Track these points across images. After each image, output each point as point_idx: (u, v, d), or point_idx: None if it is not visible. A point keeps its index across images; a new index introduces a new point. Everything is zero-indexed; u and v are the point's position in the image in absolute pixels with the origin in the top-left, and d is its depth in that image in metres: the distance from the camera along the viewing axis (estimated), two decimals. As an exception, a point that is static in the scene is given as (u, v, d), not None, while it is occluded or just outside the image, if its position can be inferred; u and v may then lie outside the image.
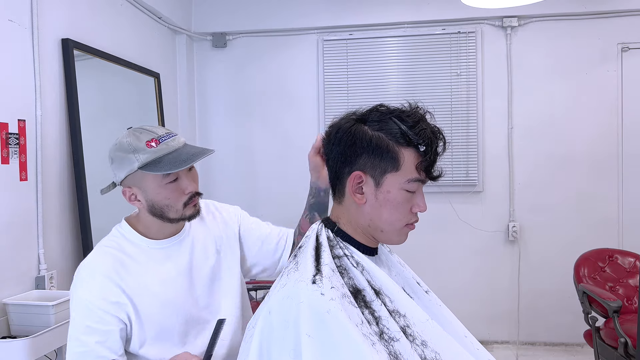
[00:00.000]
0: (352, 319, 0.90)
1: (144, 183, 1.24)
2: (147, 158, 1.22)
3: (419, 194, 1.03)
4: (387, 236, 1.04)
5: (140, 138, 1.24)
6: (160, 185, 1.24)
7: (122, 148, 1.24)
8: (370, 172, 0.99)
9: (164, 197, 1.24)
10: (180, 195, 1.26)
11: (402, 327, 0.96)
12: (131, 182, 1.25)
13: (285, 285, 0.97)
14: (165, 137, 1.25)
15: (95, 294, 1.21)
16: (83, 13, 2.56)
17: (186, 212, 1.28)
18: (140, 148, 1.22)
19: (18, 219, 2.09)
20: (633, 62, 3.44)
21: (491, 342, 3.60)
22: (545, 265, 3.53)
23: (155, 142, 1.24)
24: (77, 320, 1.22)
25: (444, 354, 0.96)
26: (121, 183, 1.27)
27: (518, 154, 3.56)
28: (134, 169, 1.22)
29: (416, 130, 0.98)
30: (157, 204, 1.25)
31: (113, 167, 1.27)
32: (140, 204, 1.27)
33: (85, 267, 1.26)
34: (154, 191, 1.24)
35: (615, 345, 2.53)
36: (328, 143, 1.05)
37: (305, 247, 1.03)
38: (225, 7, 3.74)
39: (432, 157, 0.99)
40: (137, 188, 1.25)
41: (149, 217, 1.28)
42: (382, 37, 3.65)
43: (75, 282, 1.26)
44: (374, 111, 1.03)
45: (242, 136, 3.82)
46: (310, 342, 0.87)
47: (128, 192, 1.27)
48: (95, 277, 1.23)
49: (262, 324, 0.95)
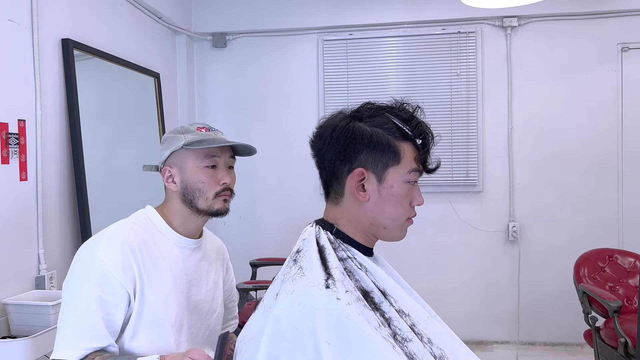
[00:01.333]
0: (371, 322, 0.88)
1: (184, 162, 1.28)
2: (193, 138, 1.28)
3: (417, 189, 1.04)
4: (390, 232, 1.04)
5: (193, 125, 1.33)
6: (199, 167, 1.28)
7: (175, 130, 1.33)
8: (372, 168, 0.99)
9: (199, 179, 1.27)
10: (214, 183, 1.29)
11: (410, 326, 0.95)
12: (173, 161, 1.30)
13: (293, 291, 0.93)
14: (215, 129, 1.35)
15: (114, 262, 1.17)
16: (83, 13, 2.56)
17: (215, 204, 1.30)
18: (190, 130, 1.31)
19: (18, 219, 2.09)
20: (633, 62, 3.44)
21: (491, 342, 3.60)
22: (545, 265, 3.53)
23: (205, 129, 1.32)
24: (87, 290, 1.15)
25: (447, 350, 0.97)
26: (164, 162, 1.31)
27: (518, 154, 3.56)
28: (179, 146, 1.28)
29: (412, 124, 1.00)
30: (191, 187, 1.28)
31: (162, 147, 1.33)
32: (175, 186, 1.29)
33: (104, 235, 1.22)
34: (191, 171, 1.28)
35: (615, 345, 2.53)
36: (322, 144, 1.03)
37: (306, 251, 1.00)
38: (225, 7, 3.74)
39: (428, 149, 1.02)
40: (176, 168, 1.29)
41: (177, 204, 1.30)
42: (382, 37, 3.65)
43: (88, 249, 1.21)
44: (365, 109, 1.03)
45: (242, 136, 3.82)
46: (331, 350, 0.84)
47: (167, 172, 1.30)
48: (117, 245, 1.19)
49: (270, 333, 0.91)
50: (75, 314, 1.15)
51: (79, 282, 1.18)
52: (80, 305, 1.15)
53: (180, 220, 1.31)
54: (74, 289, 1.18)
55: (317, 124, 1.07)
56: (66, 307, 1.18)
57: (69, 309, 1.17)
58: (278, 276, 1.04)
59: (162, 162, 1.32)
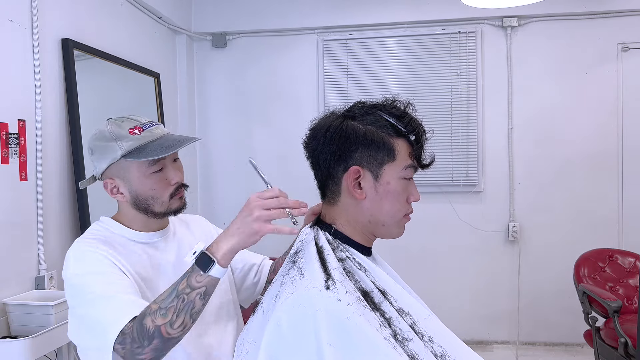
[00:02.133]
0: (372, 323, 0.88)
1: (127, 173, 1.18)
2: (130, 145, 1.15)
3: (412, 185, 1.04)
4: (388, 229, 1.04)
5: (122, 126, 1.18)
6: (145, 175, 1.18)
7: (103, 137, 1.17)
8: (367, 165, 1.00)
9: (149, 187, 1.18)
10: (166, 185, 1.20)
11: (410, 325, 0.95)
12: (114, 172, 1.19)
13: (293, 293, 0.92)
14: (148, 125, 1.20)
15: (103, 258, 1.11)
16: (83, 13, 2.56)
17: (172, 205, 1.22)
18: (123, 135, 1.16)
19: (18, 219, 2.09)
20: (633, 62, 3.44)
21: (491, 342, 3.60)
22: (545, 265, 3.53)
23: (138, 129, 1.18)
24: (98, 281, 1.07)
25: (448, 348, 0.96)
26: (102, 175, 1.20)
27: (518, 154, 3.56)
28: (116, 157, 1.16)
29: (405, 120, 1.01)
30: (142, 196, 1.19)
31: (93, 158, 1.20)
32: (123, 197, 1.20)
33: (70, 254, 1.14)
34: (138, 181, 1.18)
35: (615, 345, 2.53)
36: (316, 144, 1.03)
37: (305, 252, 1.00)
38: (225, 7, 3.74)
39: (422, 144, 1.02)
40: (119, 179, 1.19)
41: (132, 212, 1.22)
42: (382, 37, 3.64)
43: (71, 261, 1.13)
44: (356, 107, 1.04)
45: (242, 136, 3.82)
46: (332, 352, 0.84)
47: (110, 184, 1.20)
48: (94, 250, 1.13)
49: (271, 335, 0.90)
50: (103, 299, 1.06)
51: (82, 278, 1.10)
52: (104, 293, 1.06)
53: (140, 225, 1.24)
54: (81, 287, 1.10)
55: (310, 125, 1.07)
56: (87, 303, 1.07)
57: (94, 299, 1.06)
58: (277, 278, 1.03)
59: (100, 175, 1.21)
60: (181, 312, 0.99)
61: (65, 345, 2.08)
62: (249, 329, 1.01)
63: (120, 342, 1.00)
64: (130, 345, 0.99)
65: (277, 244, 1.54)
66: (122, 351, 1.00)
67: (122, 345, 1.00)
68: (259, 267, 1.44)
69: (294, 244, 1.08)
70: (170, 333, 0.99)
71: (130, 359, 1.00)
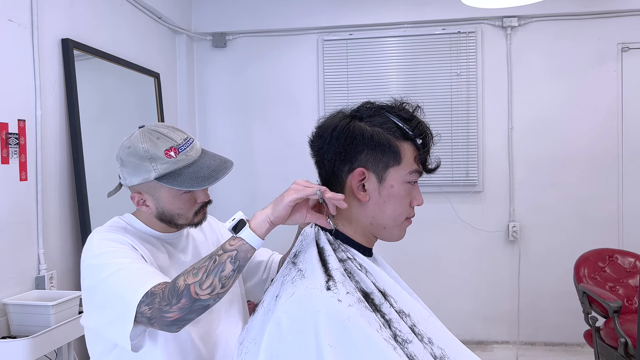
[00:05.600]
0: (372, 324, 0.88)
1: (157, 192, 1.21)
2: (165, 169, 1.17)
3: (416, 189, 1.04)
4: (389, 232, 1.04)
5: (158, 145, 1.17)
6: (175, 197, 1.21)
7: (138, 154, 1.18)
8: (372, 167, 0.99)
9: (177, 207, 1.22)
10: (192, 205, 1.25)
11: (410, 326, 0.95)
12: (143, 188, 1.21)
13: (293, 294, 0.91)
14: (183, 147, 1.20)
15: (126, 244, 1.16)
16: (83, 13, 2.56)
17: (195, 220, 1.27)
18: (158, 157, 1.17)
19: (18, 219, 2.09)
20: (633, 62, 3.44)
21: (491, 342, 3.60)
22: (545, 265, 3.53)
23: (174, 151, 1.18)
24: (120, 256, 1.11)
25: (448, 349, 0.96)
26: (130, 187, 1.24)
27: (518, 154, 3.56)
28: (150, 178, 1.17)
29: (413, 124, 1.00)
30: (169, 212, 1.23)
31: (124, 170, 1.21)
32: (149, 209, 1.23)
33: (93, 238, 1.19)
34: (167, 201, 1.22)
35: (615, 345, 2.53)
36: (322, 143, 1.02)
37: (306, 253, 1.00)
38: (225, 7, 3.74)
39: (428, 149, 1.01)
40: (148, 195, 1.22)
41: (153, 219, 1.26)
42: (382, 37, 3.65)
43: (95, 243, 1.17)
44: (364, 108, 1.03)
45: (242, 136, 3.83)
46: (333, 353, 0.84)
47: (137, 197, 1.23)
48: (116, 236, 1.18)
49: (271, 336, 0.90)
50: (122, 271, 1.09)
51: (104, 257, 1.13)
52: (124, 267, 1.09)
53: (159, 227, 1.28)
54: (101, 264, 1.12)
55: (317, 123, 1.06)
56: (112, 274, 1.09)
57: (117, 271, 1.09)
58: (277, 278, 1.03)
59: (128, 186, 1.24)
60: (211, 272, 1.01)
61: (65, 345, 2.08)
62: (249, 328, 1.01)
63: (148, 303, 1.02)
64: (158, 304, 1.02)
65: (282, 242, 1.54)
66: (149, 311, 1.02)
67: (150, 305, 1.02)
68: (267, 264, 1.46)
69: (295, 245, 1.08)
70: (199, 293, 1.00)
71: (158, 318, 1.02)
